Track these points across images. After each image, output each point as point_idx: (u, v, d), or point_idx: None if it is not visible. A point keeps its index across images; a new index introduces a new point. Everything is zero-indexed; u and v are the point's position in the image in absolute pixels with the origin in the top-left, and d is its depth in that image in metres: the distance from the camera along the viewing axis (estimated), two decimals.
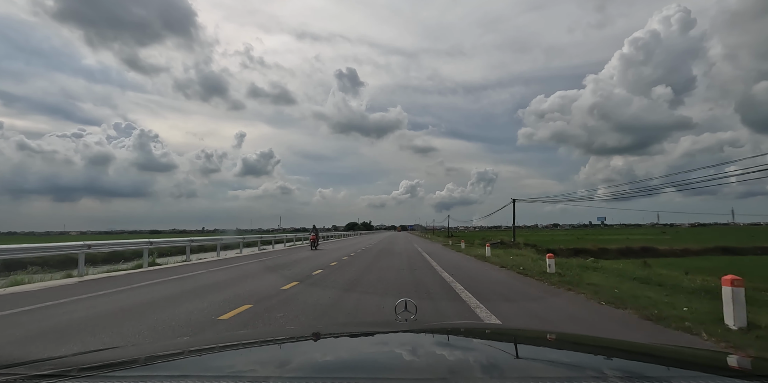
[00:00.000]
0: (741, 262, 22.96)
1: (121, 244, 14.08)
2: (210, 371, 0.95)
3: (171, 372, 0.92)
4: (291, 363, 1.06)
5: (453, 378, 0.84)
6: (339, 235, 60.07)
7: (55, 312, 5.90)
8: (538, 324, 5.11)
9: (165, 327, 4.92)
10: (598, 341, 1.48)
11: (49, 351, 3.91)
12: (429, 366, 1.00)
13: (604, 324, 5.18)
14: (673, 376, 0.86)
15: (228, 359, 1.11)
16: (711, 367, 1.03)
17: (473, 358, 1.09)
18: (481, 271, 11.83)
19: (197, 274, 10.97)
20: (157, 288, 8.34)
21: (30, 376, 0.79)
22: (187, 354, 1.13)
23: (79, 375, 0.83)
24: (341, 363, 1.05)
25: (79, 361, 1.01)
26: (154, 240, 14.86)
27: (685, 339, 4.30)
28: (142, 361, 1.03)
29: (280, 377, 0.88)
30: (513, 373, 0.93)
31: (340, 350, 1.28)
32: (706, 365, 1.05)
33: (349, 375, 0.85)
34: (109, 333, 4.62)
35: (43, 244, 11.16)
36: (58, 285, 9.00)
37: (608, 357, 1.12)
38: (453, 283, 8.80)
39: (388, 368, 0.98)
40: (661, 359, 1.12)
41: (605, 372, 0.92)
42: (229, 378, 0.85)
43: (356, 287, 8.26)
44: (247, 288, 8.14)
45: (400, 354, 1.16)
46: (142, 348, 1.53)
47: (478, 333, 1.58)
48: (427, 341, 1.32)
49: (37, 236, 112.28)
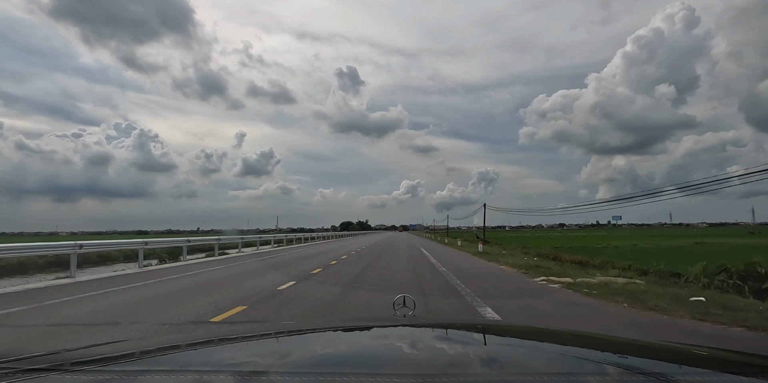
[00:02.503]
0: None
1: (113, 244, 13.60)
2: (209, 365, 0.95)
3: (170, 366, 0.92)
4: (290, 357, 1.07)
5: (452, 372, 0.85)
6: (320, 237, 45.21)
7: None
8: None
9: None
10: (596, 337, 1.48)
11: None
12: (428, 361, 1.00)
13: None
14: (672, 373, 0.86)
15: (227, 353, 1.11)
16: (710, 364, 1.02)
17: (472, 353, 1.10)
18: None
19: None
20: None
21: (26, 370, 0.81)
22: (186, 348, 1.14)
23: (76, 368, 0.84)
24: (340, 357, 1.05)
25: (76, 355, 1.02)
26: (149, 240, 14.38)
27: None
28: (141, 355, 1.03)
29: (279, 371, 0.88)
30: (511, 368, 0.93)
31: (339, 344, 1.28)
32: (706, 362, 1.05)
33: (348, 369, 0.85)
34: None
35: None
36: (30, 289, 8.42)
37: (606, 354, 1.13)
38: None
39: (387, 362, 0.98)
40: (660, 356, 1.11)
41: (603, 369, 0.93)
42: (228, 372, 0.85)
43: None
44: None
45: (400, 348, 1.17)
46: (141, 342, 1.51)
47: (477, 329, 1.58)
48: (425, 335, 1.33)
49: (25, 237, 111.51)
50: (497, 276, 10.04)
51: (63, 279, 9.81)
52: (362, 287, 7.93)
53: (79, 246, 11.44)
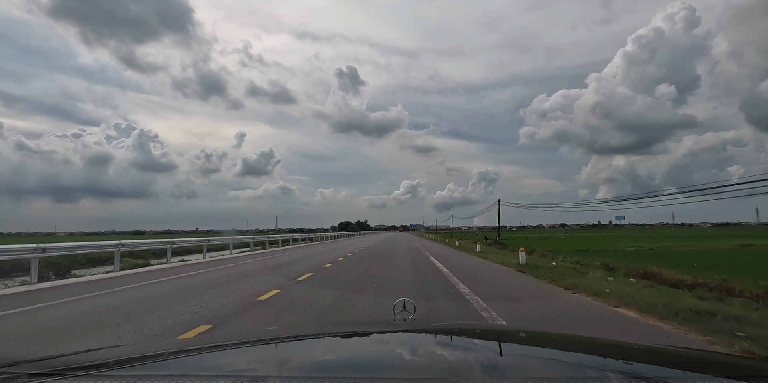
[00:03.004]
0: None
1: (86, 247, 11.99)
2: (208, 370, 0.94)
3: (169, 371, 0.90)
4: (289, 362, 1.05)
5: (452, 378, 0.84)
6: (318, 237, 43.43)
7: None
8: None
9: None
10: (599, 342, 1.46)
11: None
12: (428, 366, 0.99)
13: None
14: (674, 377, 0.86)
15: (226, 358, 1.09)
16: (713, 369, 1.00)
17: (473, 358, 1.08)
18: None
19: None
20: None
21: (26, 375, 0.80)
22: (185, 353, 1.13)
23: (75, 374, 0.83)
24: (340, 362, 1.04)
25: (75, 360, 1.01)
26: (126, 242, 12.66)
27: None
28: (139, 360, 1.01)
29: (279, 376, 0.86)
30: (512, 373, 0.92)
31: (338, 349, 1.26)
32: (707, 366, 1.03)
33: (348, 375, 0.85)
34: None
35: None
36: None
37: (609, 359, 1.11)
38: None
39: (387, 367, 0.97)
40: (662, 360, 1.09)
41: (606, 374, 0.92)
42: (227, 377, 0.84)
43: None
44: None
45: (400, 353, 1.15)
46: (140, 347, 1.50)
47: (477, 333, 1.56)
48: (426, 341, 1.31)
49: (22, 237, 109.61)
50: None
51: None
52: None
53: (42, 249, 9.85)
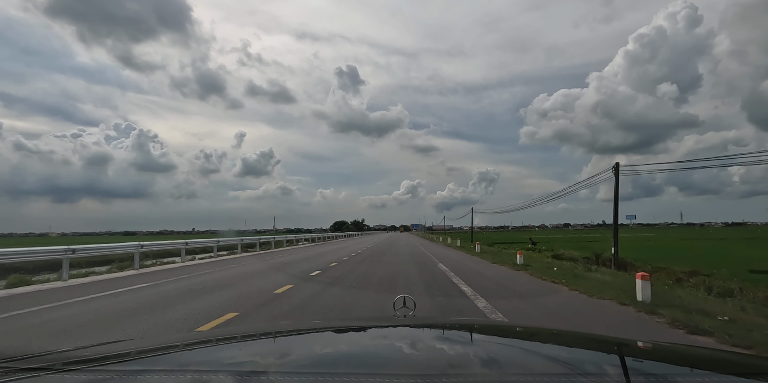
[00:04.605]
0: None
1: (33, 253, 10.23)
2: (208, 365, 0.95)
3: (169, 365, 0.92)
4: (290, 357, 1.06)
5: (452, 373, 0.85)
6: (309, 238, 39.22)
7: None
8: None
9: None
10: (598, 338, 1.47)
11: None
12: (427, 361, 1.00)
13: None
14: (674, 374, 0.86)
15: (226, 353, 1.10)
16: (712, 365, 1.00)
17: (472, 353, 1.10)
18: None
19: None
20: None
21: (24, 369, 0.80)
22: (185, 348, 1.15)
23: (74, 368, 0.83)
24: (340, 357, 1.06)
25: (74, 355, 1.02)
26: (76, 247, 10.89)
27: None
28: (140, 355, 1.02)
29: (278, 371, 0.87)
30: (511, 368, 0.92)
31: (338, 344, 1.28)
32: (707, 363, 1.03)
33: (348, 369, 0.86)
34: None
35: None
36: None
37: (608, 354, 1.13)
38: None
39: (386, 362, 0.98)
40: (662, 357, 1.10)
41: (604, 369, 0.92)
42: (227, 372, 0.85)
43: None
44: None
45: (400, 348, 1.16)
46: (140, 342, 1.51)
47: (477, 329, 1.57)
48: (426, 336, 1.32)
49: (14, 238, 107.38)
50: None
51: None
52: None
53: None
